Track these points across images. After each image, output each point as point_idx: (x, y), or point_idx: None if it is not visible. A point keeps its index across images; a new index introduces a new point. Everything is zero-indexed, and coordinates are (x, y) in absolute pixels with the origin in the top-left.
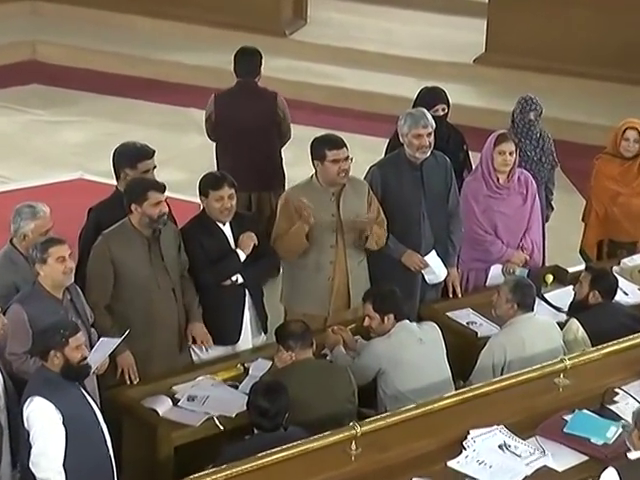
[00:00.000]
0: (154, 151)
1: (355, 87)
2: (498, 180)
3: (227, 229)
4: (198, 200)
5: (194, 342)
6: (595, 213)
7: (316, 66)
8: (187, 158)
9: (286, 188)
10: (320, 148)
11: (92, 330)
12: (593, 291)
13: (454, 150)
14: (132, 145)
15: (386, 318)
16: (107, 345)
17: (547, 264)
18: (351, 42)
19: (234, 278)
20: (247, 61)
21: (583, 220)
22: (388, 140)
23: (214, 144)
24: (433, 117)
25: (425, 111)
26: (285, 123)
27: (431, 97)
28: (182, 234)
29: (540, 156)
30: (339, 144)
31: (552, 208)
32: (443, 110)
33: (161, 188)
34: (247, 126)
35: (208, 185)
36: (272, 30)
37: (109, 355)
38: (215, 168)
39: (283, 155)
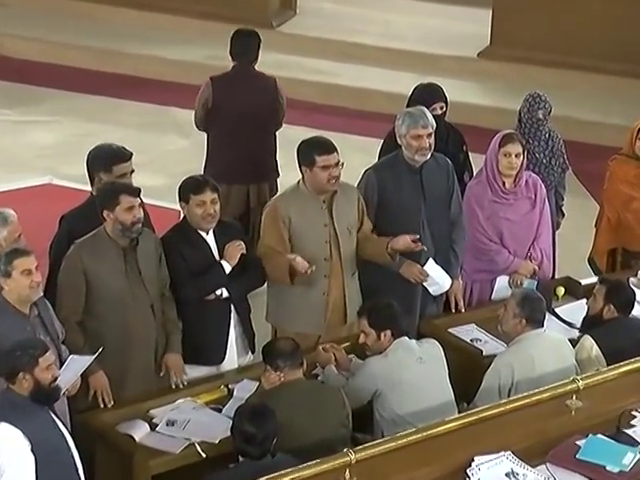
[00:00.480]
0: (131, 154)
1: (349, 83)
2: (504, 184)
3: (210, 238)
4: (177, 206)
5: (167, 372)
6: (607, 218)
7: (307, 61)
8: (167, 161)
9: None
10: (309, 153)
11: (63, 347)
12: (608, 305)
13: (453, 151)
14: (107, 147)
15: (382, 334)
16: (78, 364)
17: (558, 275)
18: (345, 34)
19: (218, 292)
20: (244, 43)
21: (595, 227)
22: (382, 141)
23: (205, 136)
24: None
25: (425, 110)
26: (282, 110)
27: (428, 94)
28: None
29: (549, 158)
30: (330, 149)
31: (563, 214)
32: (441, 109)
33: (134, 192)
34: (247, 113)
35: (189, 189)
36: (258, 21)
37: (81, 375)
38: (201, 169)
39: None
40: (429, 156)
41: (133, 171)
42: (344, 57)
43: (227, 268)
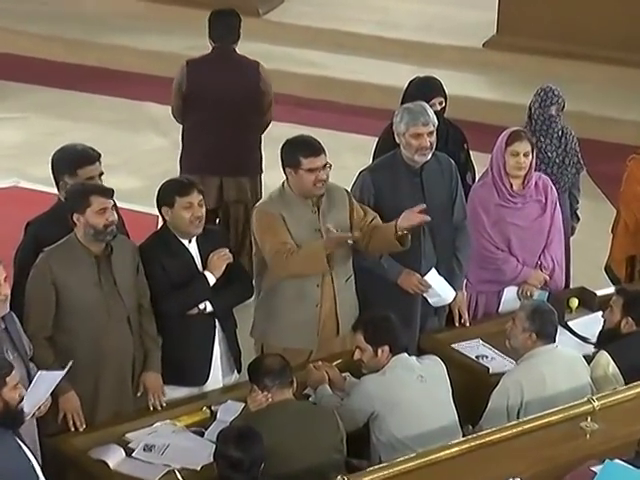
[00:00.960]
0: (99, 155)
1: (342, 76)
2: (511, 186)
3: (193, 247)
4: (154, 211)
5: (145, 392)
6: (624, 223)
7: (296, 51)
8: (142, 162)
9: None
10: (293, 154)
11: (31, 365)
12: (626, 318)
13: (454, 150)
14: (72, 148)
15: (380, 350)
16: (48, 380)
17: (571, 286)
18: (337, 23)
19: (202, 306)
20: (224, 24)
21: (612, 232)
22: (377, 139)
23: (181, 127)
24: None
25: (425, 106)
26: (268, 99)
27: (426, 89)
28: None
29: (563, 158)
30: (316, 150)
31: (577, 219)
32: (440, 104)
33: (107, 192)
34: (224, 99)
35: (173, 191)
36: (243, 9)
37: (51, 394)
38: (177, 169)
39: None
40: (430, 156)
41: (102, 174)
42: (336, 47)
43: (211, 280)
